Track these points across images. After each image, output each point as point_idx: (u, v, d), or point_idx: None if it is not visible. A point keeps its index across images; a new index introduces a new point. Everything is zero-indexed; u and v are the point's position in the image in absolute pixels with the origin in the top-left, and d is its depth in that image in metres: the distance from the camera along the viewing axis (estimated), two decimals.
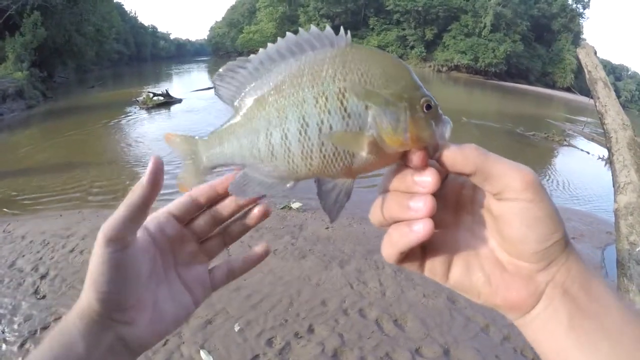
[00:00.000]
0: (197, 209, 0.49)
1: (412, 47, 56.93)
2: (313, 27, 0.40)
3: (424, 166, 0.37)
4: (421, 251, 0.41)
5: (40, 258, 4.08)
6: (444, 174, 0.40)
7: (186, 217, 0.49)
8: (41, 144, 10.78)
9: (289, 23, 63.48)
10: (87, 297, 0.42)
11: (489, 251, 0.40)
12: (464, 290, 0.41)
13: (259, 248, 0.54)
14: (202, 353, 2.74)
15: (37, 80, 18.93)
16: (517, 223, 0.36)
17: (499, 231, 0.39)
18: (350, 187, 0.41)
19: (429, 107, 0.38)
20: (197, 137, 0.46)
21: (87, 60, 28.77)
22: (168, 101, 15.65)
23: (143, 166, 8.28)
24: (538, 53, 54.23)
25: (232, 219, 0.51)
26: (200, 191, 0.48)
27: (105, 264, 0.41)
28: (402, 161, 0.39)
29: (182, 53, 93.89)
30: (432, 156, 0.38)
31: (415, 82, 0.39)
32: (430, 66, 54.89)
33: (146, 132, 11.80)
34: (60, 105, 17.20)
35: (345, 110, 0.37)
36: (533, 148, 12.19)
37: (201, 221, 0.50)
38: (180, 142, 0.45)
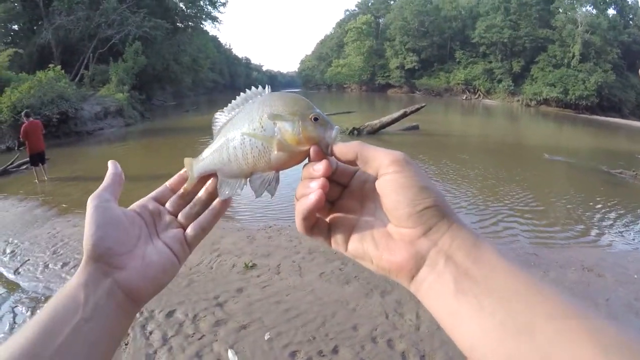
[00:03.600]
0: (170, 193, 0.66)
1: (500, 81, 54.35)
2: (253, 88, 0.61)
3: (319, 158, 0.52)
4: (328, 228, 0.52)
5: None
6: (337, 166, 0.53)
7: (163, 199, 0.65)
8: (132, 156, 12.28)
9: (376, 57, 64.61)
10: (84, 254, 0.52)
11: (383, 226, 0.47)
12: (359, 256, 0.48)
13: (217, 201, 0.64)
14: (230, 352, 2.98)
15: (136, 102, 21.37)
16: (389, 191, 0.44)
17: (383, 205, 0.46)
18: (272, 177, 0.57)
19: (316, 118, 0.54)
20: (192, 158, 0.67)
21: (184, 87, 31.84)
22: None
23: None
24: (631, 83, 48.34)
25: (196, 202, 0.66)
26: (172, 180, 0.67)
27: (92, 212, 0.53)
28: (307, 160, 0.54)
29: (273, 84, 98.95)
30: (327, 152, 0.52)
31: (309, 105, 0.56)
32: (518, 100, 51.58)
33: None
34: (156, 125, 19.24)
35: (262, 127, 0.56)
36: (621, 187, 11.04)
37: (173, 200, 0.65)
38: (187, 162, 0.67)
